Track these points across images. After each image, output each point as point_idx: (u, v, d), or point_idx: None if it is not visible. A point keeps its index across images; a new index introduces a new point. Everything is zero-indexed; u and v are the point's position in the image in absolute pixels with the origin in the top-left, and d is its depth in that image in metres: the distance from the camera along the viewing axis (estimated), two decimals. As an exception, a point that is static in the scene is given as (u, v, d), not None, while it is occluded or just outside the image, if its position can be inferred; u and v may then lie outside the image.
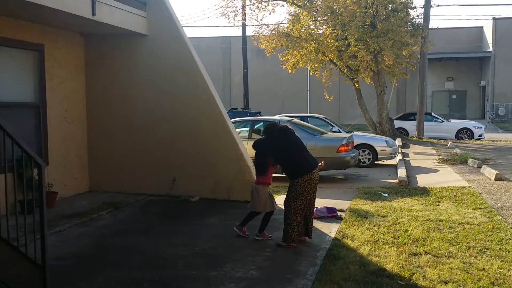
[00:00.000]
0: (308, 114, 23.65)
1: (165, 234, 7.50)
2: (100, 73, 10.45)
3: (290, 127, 7.29)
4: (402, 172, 13.40)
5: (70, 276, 5.66)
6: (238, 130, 12.85)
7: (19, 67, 9.05)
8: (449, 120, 28.54)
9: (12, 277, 4.53)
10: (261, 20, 62.26)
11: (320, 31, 24.19)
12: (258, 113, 27.10)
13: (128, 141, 10.36)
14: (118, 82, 10.38)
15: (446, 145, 22.11)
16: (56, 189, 9.27)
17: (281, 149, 6.97)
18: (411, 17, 24.06)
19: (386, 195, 10.43)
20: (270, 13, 31.89)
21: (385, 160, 16.23)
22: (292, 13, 24.02)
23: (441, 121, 27.22)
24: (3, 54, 8.41)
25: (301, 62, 24.53)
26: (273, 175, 7.34)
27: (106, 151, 10.49)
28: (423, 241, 6.92)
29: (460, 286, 5.26)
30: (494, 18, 38.16)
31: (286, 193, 6.98)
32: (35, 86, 9.21)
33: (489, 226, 7.66)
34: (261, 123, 14.06)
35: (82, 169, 10.43)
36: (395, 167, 15.15)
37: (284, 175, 7.21)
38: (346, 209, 9.00)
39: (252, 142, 7.50)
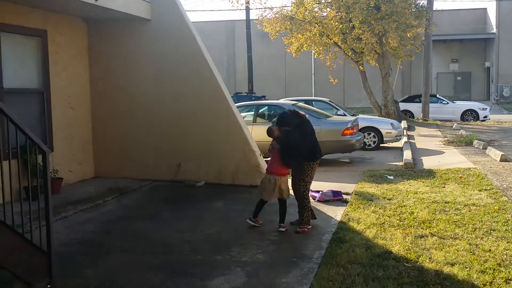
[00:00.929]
0: (313, 98, 23.55)
1: (170, 219, 7.51)
2: (104, 58, 10.40)
3: (303, 112, 7.17)
4: (407, 154, 13.36)
5: (76, 262, 5.68)
6: (243, 114, 12.81)
7: (22, 53, 9.01)
8: (454, 101, 28.39)
9: (18, 264, 4.55)
10: (264, 3, 61.86)
11: (324, 14, 24.00)
12: (263, 97, 27.03)
13: (132, 126, 10.34)
14: (122, 68, 10.33)
15: (452, 126, 22.02)
16: (61, 175, 9.29)
17: (305, 134, 6.83)
18: (415, -1, 23.89)
19: (391, 177, 10.40)
20: (273, -4, 31.58)
21: (390, 143, 16.19)
22: (295, -4, 23.82)
23: (446, 102, 27.09)
24: (6, 41, 8.37)
25: (305, 45, 24.37)
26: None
27: (111, 137, 10.48)
28: (429, 223, 6.90)
29: (467, 267, 5.25)
30: (497, 0, 37.76)
31: (295, 179, 6.90)
32: (39, 72, 9.18)
33: (495, 207, 7.63)
34: (266, 107, 14.02)
35: (87, 155, 10.44)
36: (400, 149, 15.11)
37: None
38: (352, 192, 8.98)
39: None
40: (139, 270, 5.39)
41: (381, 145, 15.82)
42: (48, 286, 4.88)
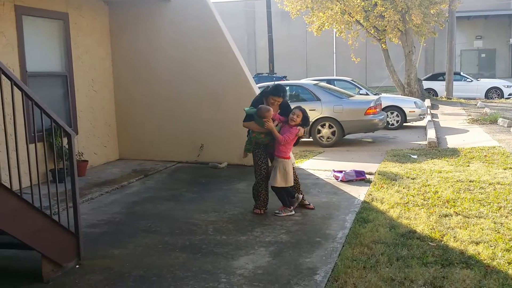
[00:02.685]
0: (335, 77, 23.39)
1: (195, 200, 7.58)
2: (125, 40, 10.44)
3: None
4: (431, 133, 13.23)
5: (103, 242, 5.77)
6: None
7: (45, 36, 9.08)
8: (478, 79, 27.93)
9: (47, 245, 4.64)
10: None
11: (346, -9, 23.70)
12: (284, 78, 26.90)
13: (154, 108, 10.40)
14: (143, 49, 10.36)
15: (476, 104, 21.71)
16: (86, 157, 9.42)
17: None
18: (439, -26, 23.41)
19: (415, 157, 10.32)
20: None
21: (414, 122, 16.05)
22: (316, -27, 23.54)
23: (470, 80, 26.67)
24: (28, 24, 8.44)
25: (326, 24, 24.14)
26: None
27: (134, 119, 10.57)
28: (454, 202, 6.85)
29: (492, 246, 5.20)
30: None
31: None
32: (61, 56, 9.25)
33: (522, 186, 7.53)
34: (287, 88, 13.95)
35: (111, 137, 10.55)
36: (424, 128, 14.96)
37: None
38: (375, 172, 8.93)
39: None
40: (164, 250, 5.47)
41: (404, 124, 15.69)
42: (77, 266, 4.99)
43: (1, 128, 4.45)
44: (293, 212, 6.62)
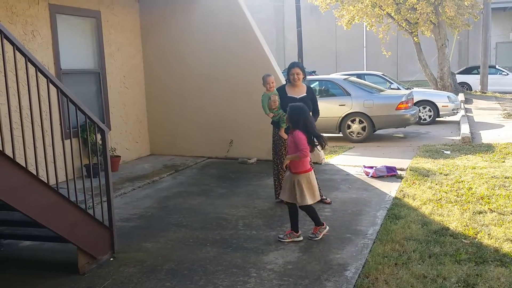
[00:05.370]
0: (365, 72, 23.16)
1: (224, 195, 7.63)
2: (155, 37, 10.55)
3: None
4: (465, 128, 13.00)
5: (136, 236, 5.87)
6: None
7: (78, 34, 9.24)
8: (515, 72, 27.30)
9: (82, 238, 4.75)
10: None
11: (376, -16, 23.43)
12: (313, 72, 26.77)
13: (185, 104, 10.49)
14: (173, 46, 10.45)
15: (511, 99, 21.24)
16: (118, 153, 9.58)
17: None
18: (473, -35, 22.93)
19: (448, 152, 10.16)
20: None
21: (447, 117, 15.78)
22: (346, -34, 23.34)
23: (506, 74, 26.10)
24: (62, 22, 8.61)
25: (357, 17, 23.91)
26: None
27: (165, 115, 10.68)
28: (488, 199, 6.73)
29: (528, 244, 5.10)
30: None
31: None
32: (94, 53, 9.41)
33: (559, 182, 7.34)
34: (317, 83, 13.90)
35: (142, 133, 10.69)
36: (457, 123, 14.72)
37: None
38: (407, 168, 8.83)
39: None
40: (195, 244, 5.53)
41: (437, 119, 15.44)
42: (111, 259, 5.09)
43: (38, 124, 4.55)
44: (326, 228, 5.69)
